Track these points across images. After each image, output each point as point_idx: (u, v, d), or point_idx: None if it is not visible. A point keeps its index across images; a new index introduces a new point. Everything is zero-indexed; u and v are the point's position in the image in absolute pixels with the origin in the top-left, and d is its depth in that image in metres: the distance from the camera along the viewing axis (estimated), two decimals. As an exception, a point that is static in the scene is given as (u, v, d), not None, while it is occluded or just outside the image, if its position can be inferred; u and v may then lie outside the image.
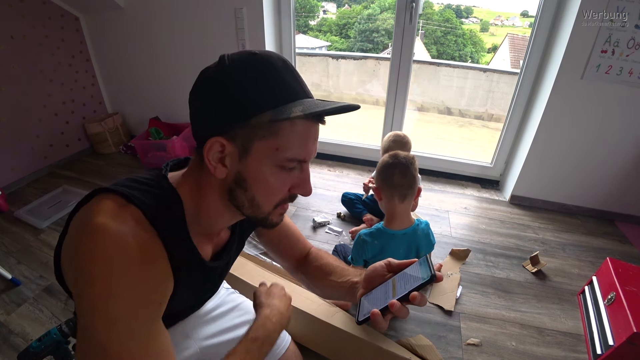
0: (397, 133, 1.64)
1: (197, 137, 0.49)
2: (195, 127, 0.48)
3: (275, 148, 0.45)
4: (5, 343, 1.13)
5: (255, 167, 0.46)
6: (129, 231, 0.42)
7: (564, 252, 1.66)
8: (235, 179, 0.48)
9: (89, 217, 0.42)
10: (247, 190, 0.48)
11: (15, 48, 1.93)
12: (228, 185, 0.49)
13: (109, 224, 0.41)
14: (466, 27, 12.73)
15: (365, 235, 1.12)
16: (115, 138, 2.53)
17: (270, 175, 0.47)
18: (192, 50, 2.18)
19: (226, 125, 0.45)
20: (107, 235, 0.40)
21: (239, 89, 0.44)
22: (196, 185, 0.51)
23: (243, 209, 0.50)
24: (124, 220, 0.42)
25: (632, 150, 1.74)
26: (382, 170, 1.11)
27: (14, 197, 1.96)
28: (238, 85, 0.44)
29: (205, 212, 0.52)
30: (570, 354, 1.16)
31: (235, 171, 0.47)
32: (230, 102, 0.44)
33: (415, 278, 0.49)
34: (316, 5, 13.35)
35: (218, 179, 0.48)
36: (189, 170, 0.52)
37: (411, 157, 1.10)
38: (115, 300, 0.40)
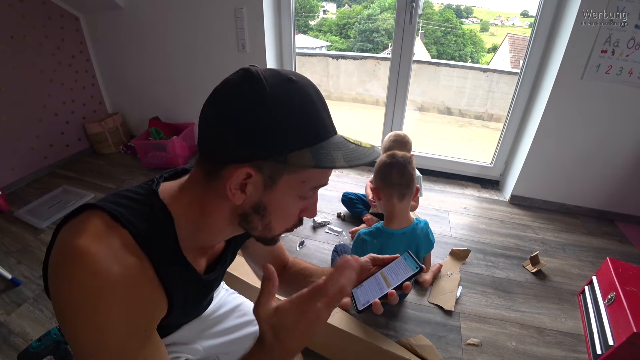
0: (397, 133, 1.64)
1: (211, 156, 0.44)
2: (213, 146, 0.44)
3: (302, 181, 0.45)
4: (5, 343, 1.14)
5: (279, 197, 0.45)
6: (113, 256, 0.39)
7: (564, 252, 1.66)
8: (254, 207, 0.46)
9: (71, 237, 0.39)
10: (265, 217, 0.47)
11: (15, 48, 1.93)
12: (243, 210, 0.46)
13: (90, 248, 0.38)
14: (466, 27, 12.73)
15: (365, 235, 1.12)
16: (115, 138, 2.53)
17: (291, 205, 0.47)
18: (192, 50, 2.18)
19: (258, 155, 0.41)
20: (87, 262, 0.38)
21: (281, 122, 0.40)
22: (198, 202, 0.47)
23: (254, 231, 0.49)
24: (109, 244, 0.40)
25: (633, 150, 1.74)
26: (380, 170, 1.11)
27: (14, 197, 1.96)
28: (280, 117, 0.40)
29: (206, 228, 0.49)
30: (570, 354, 1.16)
31: (256, 199, 0.45)
32: (268, 133, 0.40)
33: (405, 270, 0.55)
34: (316, 5, 13.36)
35: (227, 201, 0.45)
36: (189, 184, 0.48)
37: (408, 156, 1.11)
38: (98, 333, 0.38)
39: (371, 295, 0.54)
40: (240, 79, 0.42)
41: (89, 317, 0.38)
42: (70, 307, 0.38)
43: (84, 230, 0.40)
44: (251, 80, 0.41)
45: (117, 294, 0.39)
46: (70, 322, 0.38)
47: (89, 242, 0.38)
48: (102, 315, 0.38)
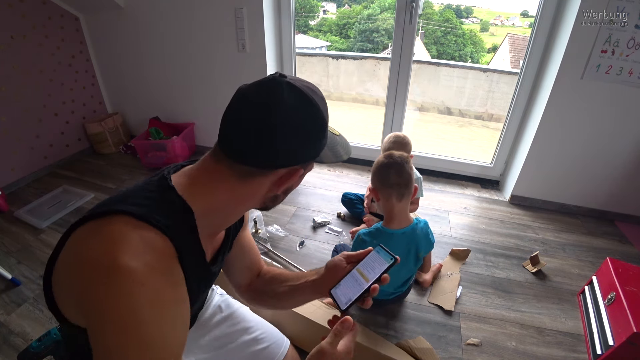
0: (397, 134, 1.64)
1: (260, 161, 0.49)
2: (263, 154, 0.48)
3: (312, 167, 0.57)
4: (5, 343, 1.14)
5: (300, 180, 0.56)
6: (152, 264, 0.41)
7: (564, 252, 1.66)
8: (285, 190, 0.56)
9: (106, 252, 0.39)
10: (286, 194, 0.58)
11: (15, 48, 1.93)
12: (274, 194, 0.54)
13: (130, 262, 0.39)
14: (466, 27, 12.73)
15: (364, 235, 1.12)
16: (115, 138, 2.53)
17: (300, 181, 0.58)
18: (192, 50, 2.18)
19: (307, 160, 0.52)
20: (130, 275, 0.38)
21: (322, 135, 0.52)
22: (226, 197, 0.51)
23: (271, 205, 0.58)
24: (145, 252, 0.41)
25: (633, 150, 1.74)
26: (377, 171, 1.11)
27: (14, 197, 1.96)
28: (322, 131, 0.52)
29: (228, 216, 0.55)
30: (570, 354, 1.16)
31: (289, 185, 0.54)
32: (315, 145, 0.52)
33: (380, 263, 0.58)
34: (316, 5, 13.35)
35: (269, 192, 0.53)
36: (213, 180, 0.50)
37: (405, 155, 1.11)
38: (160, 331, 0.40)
39: (352, 293, 0.57)
40: (298, 100, 0.48)
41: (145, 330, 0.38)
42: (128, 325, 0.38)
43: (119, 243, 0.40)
44: (309, 103, 0.49)
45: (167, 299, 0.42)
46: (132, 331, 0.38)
47: (127, 259, 0.39)
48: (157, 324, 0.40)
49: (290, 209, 1.86)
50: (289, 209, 1.87)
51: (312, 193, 2.03)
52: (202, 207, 0.49)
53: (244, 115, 0.48)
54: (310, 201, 1.94)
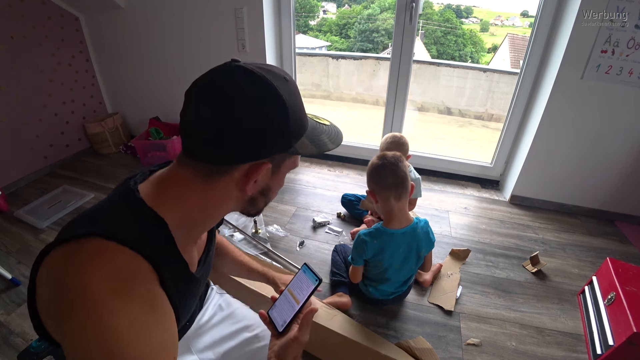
0: (394, 134, 1.64)
1: (219, 158, 0.45)
2: (222, 148, 0.44)
3: (295, 161, 0.54)
4: (5, 343, 1.13)
5: (279, 178, 0.54)
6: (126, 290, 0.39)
7: (564, 252, 1.66)
8: (262, 191, 0.52)
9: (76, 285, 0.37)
10: (268, 197, 0.55)
11: (15, 48, 1.93)
12: (251, 197, 0.52)
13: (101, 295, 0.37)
14: (466, 27, 12.72)
15: (365, 235, 1.12)
16: (115, 138, 2.53)
17: (283, 180, 0.56)
18: (192, 50, 2.18)
19: (275, 151, 0.48)
20: (107, 308, 0.36)
21: (290, 120, 0.47)
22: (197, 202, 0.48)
23: (252, 210, 0.55)
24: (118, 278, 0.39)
25: (632, 151, 1.74)
26: (373, 173, 1.11)
27: (14, 197, 1.96)
28: (290, 116, 0.46)
29: (205, 222, 0.52)
30: (570, 354, 1.16)
31: (264, 185, 0.52)
32: (281, 132, 0.46)
33: (307, 284, 0.58)
34: (316, 5, 13.35)
35: (241, 193, 0.49)
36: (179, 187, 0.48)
37: (398, 155, 1.11)
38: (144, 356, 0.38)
39: (286, 314, 0.58)
40: (253, 86, 0.44)
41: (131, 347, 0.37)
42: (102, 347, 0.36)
43: (89, 272, 0.38)
44: (262, 85, 0.44)
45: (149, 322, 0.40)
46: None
47: (98, 288, 0.37)
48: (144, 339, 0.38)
49: (290, 209, 1.86)
50: (289, 209, 1.87)
51: (312, 193, 2.03)
52: (175, 217, 0.46)
53: (196, 108, 0.45)
54: (310, 201, 1.94)
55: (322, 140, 0.53)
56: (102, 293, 0.37)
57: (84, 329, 0.36)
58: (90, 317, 0.36)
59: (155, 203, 0.46)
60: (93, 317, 0.36)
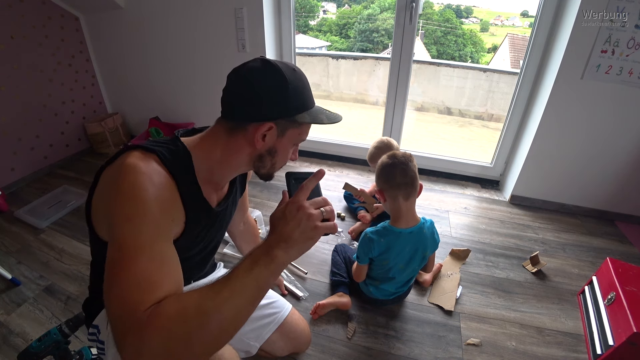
0: (381, 139, 1.67)
1: (239, 116, 0.64)
2: (243, 110, 0.63)
3: (299, 134, 0.69)
4: (5, 343, 1.13)
5: (284, 144, 0.68)
6: (151, 167, 0.56)
7: (564, 252, 1.66)
8: (268, 150, 0.67)
9: (122, 160, 0.56)
10: (273, 158, 0.69)
11: (15, 48, 1.92)
12: (260, 152, 0.67)
13: (137, 163, 0.55)
14: (466, 27, 12.71)
15: (372, 234, 1.12)
16: (115, 138, 2.53)
17: (288, 150, 0.70)
18: (192, 50, 2.18)
19: (279, 116, 0.64)
20: (134, 167, 0.54)
21: (294, 96, 0.64)
22: (221, 147, 0.66)
23: (262, 168, 0.70)
24: (148, 162, 0.57)
25: (633, 151, 1.74)
26: (382, 172, 1.11)
27: (14, 197, 1.96)
28: (294, 93, 0.64)
29: (224, 165, 0.68)
30: (570, 354, 1.16)
31: (270, 145, 0.67)
32: (287, 103, 0.64)
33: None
34: (316, 5, 13.34)
35: (251, 146, 0.65)
36: (211, 136, 0.68)
37: (408, 154, 1.10)
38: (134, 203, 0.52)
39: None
40: (266, 67, 0.63)
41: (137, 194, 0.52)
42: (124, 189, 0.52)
43: (129, 156, 0.56)
44: (274, 69, 0.63)
45: (156, 186, 0.55)
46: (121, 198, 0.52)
47: (135, 161, 0.55)
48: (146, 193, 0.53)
49: (290, 209, 1.86)
50: (289, 209, 1.86)
51: (312, 193, 2.03)
52: (201, 155, 0.65)
53: (228, 83, 0.66)
54: (310, 201, 1.94)
55: (319, 117, 0.67)
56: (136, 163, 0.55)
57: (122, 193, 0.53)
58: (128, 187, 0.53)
59: (193, 146, 0.66)
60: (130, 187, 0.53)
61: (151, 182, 0.55)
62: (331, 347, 1.14)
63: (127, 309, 0.46)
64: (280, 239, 0.53)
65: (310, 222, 0.54)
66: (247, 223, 1.16)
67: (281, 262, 0.53)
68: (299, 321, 1.04)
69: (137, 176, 0.54)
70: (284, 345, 1.00)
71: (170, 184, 0.59)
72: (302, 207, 0.54)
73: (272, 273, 0.52)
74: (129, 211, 0.51)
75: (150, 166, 0.56)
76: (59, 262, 1.48)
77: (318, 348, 1.14)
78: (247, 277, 0.51)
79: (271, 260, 0.52)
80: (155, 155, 0.59)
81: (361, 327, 1.22)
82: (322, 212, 0.56)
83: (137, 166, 0.54)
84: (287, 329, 0.99)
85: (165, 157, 0.59)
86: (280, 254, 0.52)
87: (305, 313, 1.24)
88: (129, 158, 0.56)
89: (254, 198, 1.95)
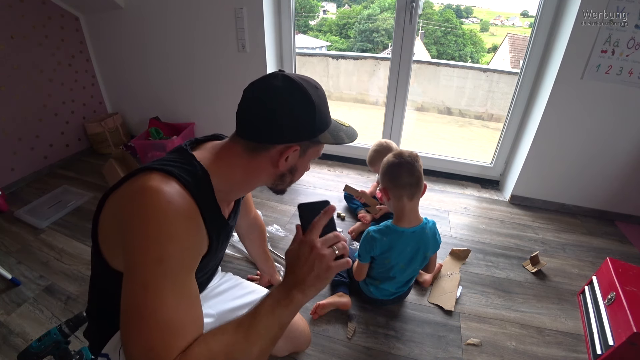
0: (379, 142, 1.67)
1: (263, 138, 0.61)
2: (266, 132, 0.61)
3: (318, 151, 0.70)
4: (5, 343, 1.13)
5: (305, 163, 0.69)
6: (177, 194, 0.53)
7: (564, 252, 1.66)
8: (290, 169, 0.67)
9: (141, 183, 0.52)
10: (294, 176, 0.70)
11: (15, 48, 1.93)
12: (282, 172, 0.66)
13: (161, 187, 0.51)
14: (466, 27, 12.71)
15: (374, 232, 1.11)
16: (115, 138, 2.53)
17: (306, 166, 0.71)
18: (192, 50, 2.18)
19: (303, 138, 0.63)
20: (161, 194, 0.51)
21: (317, 117, 0.63)
22: (241, 168, 0.64)
23: (280, 185, 0.70)
24: (172, 186, 0.53)
25: (633, 151, 1.74)
26: (388, 171, 1.10)
27: (14, 197, 1.96)
28: (317, 114, 0.63)
29: (244, 186, 0.68)
30: (570, 354, 1.16)
31: (292, 164, 0.66)
32: (311, 125, 0.63)
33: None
34: (316, 5, 13.34)
35: (274, 168, 0.64)
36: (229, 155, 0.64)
37: (415, 154, 1.09)
38: (164, 242, 0.49)
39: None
40: (291, 88, 0.60)
41: (166, 229, 0.49)
42: (151, 222, 0.49)
43: (151, 179, 0.52)
44: (300, 90, 0.60)
45: (183, 217, 0.52)
46: (147, 234, 0.49)
47: (159, 184, 0.52)
48: (173, 230, 0.50)
49: (290, 209, 1.86)
50: (289, 209, 1.87)
51: (312, 193, 2.03)
52: (221, 175, 0.63)
53: (248, 101, 0.62)
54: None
55: (340, 136, 0.67)
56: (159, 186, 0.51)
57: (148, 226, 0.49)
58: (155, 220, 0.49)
59: (210, 166, 0.62)
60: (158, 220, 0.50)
61: (179, 211, 0.52)
62: (331, 347, 1.14)
63: (154, 355, 0.45)
64: (296, 281, 0.57)
65: (323, 265, 0.56)
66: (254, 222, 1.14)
67: (300, 303, 0.57)
68: (298, 321, 1.03)
69: (163, 203, 0.50)
70: (283, 345, 1.00)
71: (194, 211, 0.56)
72: (315, 248, 0.56)
73: (292, 313, 0.57)
74: (158, 249, 0.48)
75: (175, 191, 0.53)
76: (59, 262, 1.48)
77: (318, 348, 1.14)
78: (270, 319, 0.54)
79: (290, 302, 0.56)
80: (176, 179, 0.55)
81: (361, 327, 1.22)
82: (334, 250, 0.58)
83: (162, 191, 0.51)
84: (287, 330, 0.99)
85: (187, 182, 0.56)
86: (298, 296, 0.56)
87: (305, 313, 1.24)
88: (150, 181, 0.51)
89: (254, 198, 1.95)
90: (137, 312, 0.46)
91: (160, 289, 0.47)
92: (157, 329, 0.45)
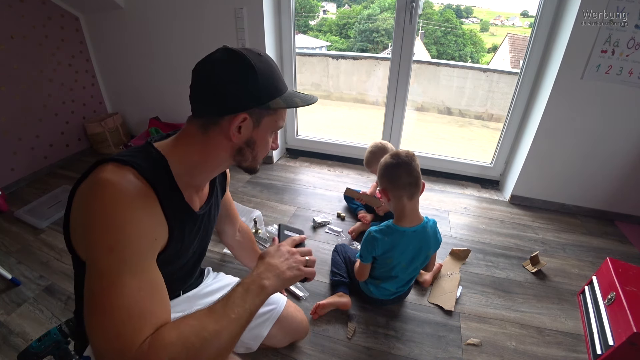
0: (374, 143, 1.67)
1: (210, 111, 0.61)
2: (212, 104, 0.60)
3: (275, 121, 0.66)
4: (5, 343, 1.13)
5: (262, 134, 0.65)
6: (128, 182, 0.53)
7: (564, 252, 1.66)
8: (247, 142, 0.65)
9: (93, 177, 0.53)
10: (253, 149, 0.66)
11: (15, 48, 1.92)
12: (238, 146, 0.64)
13: (111, 178, 0.51)
14: (466, 27, 12.70)
15: (376, 232, 1.11)
16: (115, 138, 2.53)
17: (267, 139, 0.68)
18: (192, 50, 2.18)
19: (250, 105, 0.60)
20: (109, 185, 0.51)
21: (263, 82, 0.60)
22: (198, 148, 0.63)
23: (244, 162, 0.68)
24: (123, 175, 0.53)
25: (632, 150, 1.74)
26: (386, 172, 1.10)
27: (14, 197, 1.96)
28: (262, 79, 0.60)
29: (205, 166, 0.66)
30: (570, 354, 1.16)
31: (248, 136, 0.64)
32: (257, 90, 0.60)
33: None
34: (316, 5, 13.34)
35: (229, 141, 0.62)
36: (184, 137, 0.64)
37: (411, 153, 1.09)
38: (113, 231, 0.49)
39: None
40: (229, 57, 0.60)
41: (116, 217, 0.50)
42: (100, 214, 0.49)
43: (102, 171, 0.52)
44: (237, 56, 0.60)
45: (134, 204, 0.52)
46: (98, 225, 0.49)
47: (109, 175, 0.52)
48: (122, 217, 0.50)
49: (290, 209, 1.86)
50: (289, 209, 1.87)
51: (312, 193, 2.03)
52: (178, 159, 0.62)
53: (193, 79, 0.62)
54: (310, 201, 1.94)
55: (294, 101, 0.65)
56: (110, 177, 0.51)
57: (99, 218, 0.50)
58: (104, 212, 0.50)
59: (167, 150, 0.62)
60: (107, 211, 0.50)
61: (129, 199, 0.51)
62: (331, 347, 1.14)
63: (123, 342, 0.45)
64: (268, 269, 0.64)
65: (296, 258, 0.68)
66: (243, 232, 1.12)
67: (270, 291, 0.62)
68: (295, 313, 1.05)
69: (112, 194, 0.50)
70: (282, 337, 1.02)
71: (149, 196, 0.56)
72: (292, 249, 0.69)
73: (262, 301, 0.61)
74: (108, 238, 0.49)
75: (125, 180, 0.53)
76: (59, 262, 1.48)
77: (318, 348, 1.14)
78: (241, 305, 0.57)
79: (261, 290, 0.61)
80: (131, 167, 0.55)
81: (361, 327, 1.22)
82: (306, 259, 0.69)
83: (111, 182, 0.51)
84: (285, 323, 1.00)
85: (141, 167, 0.56)
86: (268, 284, 0.62)
87: (306, 313, 1.24)
88: (102, 173, 0.52)
89: (254, 198, 1.95)
90: (95, 302, 0.47)
91: (115, 276, 0.48)
92: (118, 317, 0.46)
